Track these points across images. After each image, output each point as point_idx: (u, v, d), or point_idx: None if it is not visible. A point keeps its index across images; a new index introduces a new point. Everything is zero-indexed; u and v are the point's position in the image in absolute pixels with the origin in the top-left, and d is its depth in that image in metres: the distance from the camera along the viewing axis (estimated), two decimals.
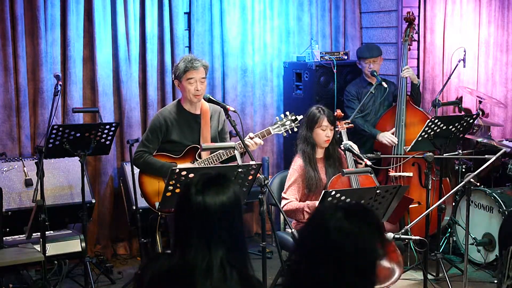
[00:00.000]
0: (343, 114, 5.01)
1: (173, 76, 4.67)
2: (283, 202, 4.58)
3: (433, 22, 6.44)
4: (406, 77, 5.77)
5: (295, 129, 4.69)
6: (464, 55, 6.04)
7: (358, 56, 5.97)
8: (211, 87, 6.22)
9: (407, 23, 5.89)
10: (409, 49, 5.94)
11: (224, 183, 2.18)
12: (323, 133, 4.65)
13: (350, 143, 4.70)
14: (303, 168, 4.63)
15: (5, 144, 5.43)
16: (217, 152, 4.51)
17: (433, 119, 5.10)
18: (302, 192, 4.63)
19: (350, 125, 5.00)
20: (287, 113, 4.70)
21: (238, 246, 2.17)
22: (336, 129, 4.82)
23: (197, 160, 4.56)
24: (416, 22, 6.02)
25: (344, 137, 4.83)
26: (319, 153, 4.73)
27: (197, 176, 2.23)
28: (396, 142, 5.66)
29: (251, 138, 4.43)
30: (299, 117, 4.67)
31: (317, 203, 3.84)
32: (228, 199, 2.15)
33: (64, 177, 5.40)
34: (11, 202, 5.12)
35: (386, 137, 5.67)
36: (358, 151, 4.69)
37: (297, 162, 4.67)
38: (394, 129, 5.71)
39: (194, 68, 4.47)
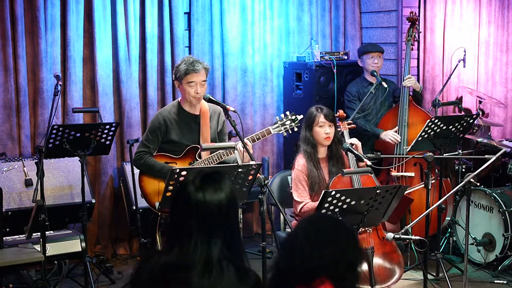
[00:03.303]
0: (345, 115, 5.01)
1: (173, 76, 4.67)
2: (299, 206, 4.54)
3: (433, 22, 6.44)
4: (409, 87, 5.76)
5: (295, 129, 4.69)
6: (464, 55, 6.04)
7: (361, 52, 5.94)
8: (211, 87, 6.22)
9: (409, 23, 5.89)
10: (412, 49, 5.94)
11: (220, 180, 2.25)
12: (322, 130, 4.65)
13: (355, 140, 4.70)
14: (307, 167, 4.62)
15: (5, 144, 5.43)
16: (217, 152, 4.52)
17: (433, 119, 5.10)
18: (309, 191, 4.62)
19: (352, 125, 5.00)
20: (287, 112, 4.70)
21: (235, 241, 2.24)
22: (338, 129, 4.81)
23: (197, 160, 4.56)
24: (417, 22, 6.02)
25: (347, 137, 4.83)
26: (322, 153, 4.72)
27: (193, 173, 2.29)
28: (400, 140, 5.65)
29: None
30: (299, 117, 4.68)
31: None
32: (226, 195, 2.21)
33: (64, 177, 5.40)
34: (11, 202, 5.12)
35: (389, 135, 5.67)
36: (361, 148, 4.69)
37: (300, 162, 4.66)
38: (397, 127, 5.70)
39: (195, 71, 4.47)
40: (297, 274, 2.14)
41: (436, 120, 5.11)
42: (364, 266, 4.13)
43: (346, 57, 6.44)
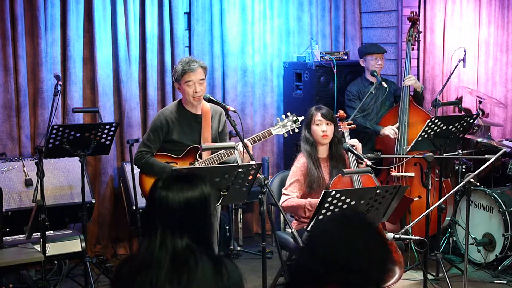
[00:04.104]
0: (346, 115, 5.01)
1: (173, 79, 4.68)
2: (284, 198, 4.59)
3: (433, 22, 6.44)
4: (409, 86, 5.76)
5: (296, 130, 4.70)
6: (464, 55, 6.04)
7: (363, 53, 5.95)
8: (211, 87, 6.22)
9: (410, 23, 5.89)
10: (413, 49, 5.94)
11: (192, 181, 2.26)
12: (319, 128, 4.66)
13: (355, 141, 4.70)
14: (307, 166, 4.63)
15: (5, 144, 5.43)
16: (218, 153, 4.52)
17: (433, 119, 5.10)
18: (304, 190, 4.63)
19: (353, 125, 5.00)
20: (288, 114, 4.70)
21: (203, 240, 2.24)
22: (339, 129, 4.82)
23: (198, 160, 4.56)
24: (418, 22, 6.02)
25: (347, 137, 4.84)
26: (322, 153, 4.73)
27: (169, 172, 2.33)
28: (397, 133, 5.66)
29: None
30: (300, 118, 4.68)
31: (318, 201, 3.85)
32: (193, 196, 2.22)
33: (64, 177, 5.40)
34: (11, 202, 5.12)
35: (390, 128, 5.67)
36: (361, 150, 4.69)
37: (300, 161, 4.67)
38: (398, 124, 5.70)
39: (191, 70, 4.47)
40: (309, 276, 1.99)
41: (436, 120, 5.11)
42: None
43: (346, 57, 6.44)
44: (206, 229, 2.27)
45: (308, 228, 3.90)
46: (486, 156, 4.50)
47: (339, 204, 3.78)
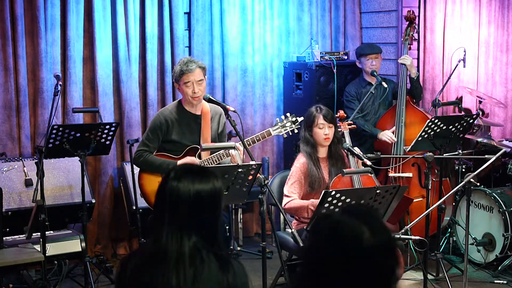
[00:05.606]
0: (345, 115, 5.01)
1: (172, 79, 4.69)
2: (286, 199, 4.58)
3: (433, 22, 6.44)
4: (404, 65, 5.75)
5: (296, 131, 4.69)
6: (464, 55, 6.04)
7: (358, 54, 5.96)
8: (211, 87, 6.22)
9: (407, 22, 5.89)
10: (410, 48, 5.94)
11: (204, 174, 2.22)
12: (321, 131, 4.66)
13: (356, 149, 4.69)
14: (306, 166, 4.63)
15: (5, 144, 5.43)
16: (217, 153, 4.52)
17: (433, 119, 5.10)
18: (304, 190, 4.63)
19: (353, 125, 5.00)
20: (288, 114, 4.70)
21: (211, 235, 2.20)
22: (339, 129, 4.82)
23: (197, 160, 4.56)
24: (416, 21, 6.02)
25: (347, 137, 4.83)
26: (322, 153, 4.73)
27: (181, 165, 2.27)
28: (395, 140, 5.65)
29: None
30: (300, 119, 4.68)
31: None
32: (204, 189, 2.18)
33: (64, 177, 5.40)
34: (11, 202, 5.12)
35: (387, 134, 5.67)
36: (360, 153, 4.69)
37: (300, 160, 4.67)
38: (394, 127, 5.70)
39: (189, 71, 4.48)
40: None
41: (436, 120, 5.10)
42: None
43: (346, 57, 6.44)
44: (214, 226, 2.22)
45: (308, 228, 3.91)
46: (486, 156, 4.50)
47: (339, 204, 3.79)
